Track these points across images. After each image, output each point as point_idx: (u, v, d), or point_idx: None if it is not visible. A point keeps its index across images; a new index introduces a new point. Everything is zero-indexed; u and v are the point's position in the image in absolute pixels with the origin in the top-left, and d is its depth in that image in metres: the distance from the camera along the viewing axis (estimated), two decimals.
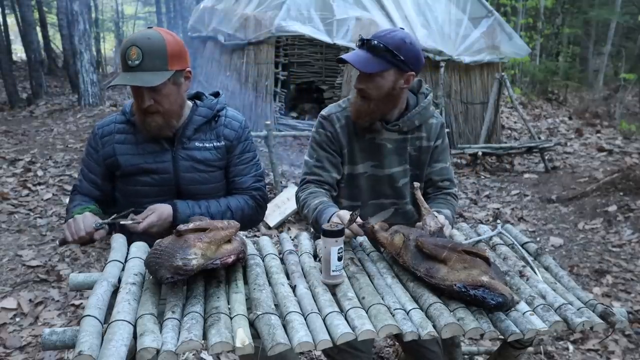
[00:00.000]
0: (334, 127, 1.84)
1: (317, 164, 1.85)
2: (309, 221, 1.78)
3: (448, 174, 1.93)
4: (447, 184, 1.92)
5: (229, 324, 1.14)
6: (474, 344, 2.76)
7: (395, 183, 1.88)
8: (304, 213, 1.80)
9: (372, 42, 1.67)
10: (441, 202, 1.87)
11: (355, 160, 1.86)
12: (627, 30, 13.64)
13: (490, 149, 6.57)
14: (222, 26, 7.48)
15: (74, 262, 3.54)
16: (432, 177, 1.91)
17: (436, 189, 1.92)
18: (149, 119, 1.63)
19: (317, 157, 1.86)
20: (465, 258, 1.34)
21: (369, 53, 1.69)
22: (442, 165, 1.92)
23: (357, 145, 1.85)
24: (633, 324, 2.97)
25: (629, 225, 4.45)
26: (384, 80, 1.71)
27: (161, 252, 1.26)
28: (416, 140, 1.87)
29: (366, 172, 1.86)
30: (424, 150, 1.88)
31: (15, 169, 5.43)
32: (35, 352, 2.58)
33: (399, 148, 1.86)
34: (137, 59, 1.53)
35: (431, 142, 1.88)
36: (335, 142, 1.84)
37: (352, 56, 1.70)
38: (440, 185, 1.91)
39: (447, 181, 1.92)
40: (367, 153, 1.85)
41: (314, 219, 1.71)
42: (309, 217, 1.75)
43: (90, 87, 8.90)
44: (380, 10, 6.62)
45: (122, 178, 1.74)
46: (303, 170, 1.91)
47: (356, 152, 1.85)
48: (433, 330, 1.20)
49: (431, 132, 1.88)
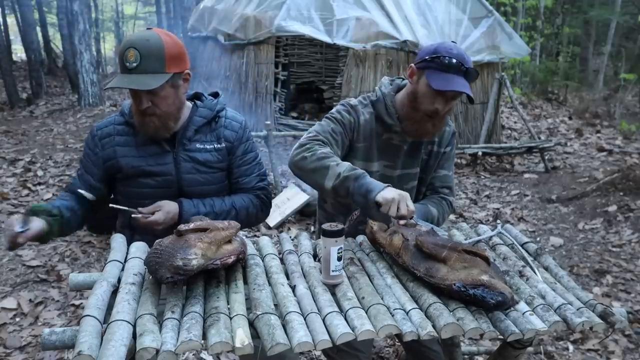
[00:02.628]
0: (358, 118, 1.80)
1: (333, 133, 1.74)
2: (322, 176, 1.59)
3: (449, 182, 1.93)
4: (446, 191, 1.92)
5: (228, 324, 1.14)
6: (474, 344, 2.76)
7: (405, 185, 1.87)
8: (320, 164, 1.60)
9: (474, 71, 1.65)
10: (434, 201, 1.87)
11: (371, 157, 1.83)
12: (627, 30, 13.63)
13: (490, 149, 6.56)
14: (222, 26, 7.47)
15: (74, 262, 3.54)
16: (433, 182, 1.92)
17: (434, 192, 1.92)
18: (146, 120, 1.63)
19: (334, 129, 1.75)
20: (465, 258, 1.34)
21: (467, 81, 1.65)
22: (446, 173, 1.92)
23: (375, 144, 1.83)
24: (633, 324, 2.97)
25: (629, 225, 4.45)
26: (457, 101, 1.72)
27: (161, 252, 1.26)
28: (429, 145, 1.88)
29: (379, 170, 1.85)
30: (434, 156, 1.89)
31: (15, 169, 5.43)
32: (35, 352, 2.58)
33: (413, 151, 1.86)
34: (135, 61, 1.53)
35: (441, 148, 1.89)
36: (354, 131, 1.79)
37: (460, 86, 1.62)
38: (440, 191, 1.92)
39: (447, 189, 1.92)
40: (383, 152, 1.84)
41: (344, 177, 1.56)
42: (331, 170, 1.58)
43: (90, 87, 8.90)
44: (380, 10, 6.61)
45: (124, 180, 1.73)
46: (311, 133, 1.73)
47: (373, 150, 1.83)
48: (433, 330, 1.20)
49: (443, 139, 1.89)
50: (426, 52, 1.67)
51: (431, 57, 1.63)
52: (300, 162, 1.65)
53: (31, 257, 3.50)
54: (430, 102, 1.66)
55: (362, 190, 1.53)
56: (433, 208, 1.80)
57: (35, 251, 3.61)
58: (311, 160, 1.62)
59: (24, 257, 3.51)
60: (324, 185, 1.59)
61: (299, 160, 1.66)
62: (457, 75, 1.62)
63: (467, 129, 7.41)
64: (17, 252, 3.56)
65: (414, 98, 1.71)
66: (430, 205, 1.81)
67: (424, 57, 1.66)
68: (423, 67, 1.66)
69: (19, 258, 3.49)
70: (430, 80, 1.63)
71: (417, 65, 1.69)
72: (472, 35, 7.10)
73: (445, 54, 1.62)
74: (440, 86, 1.61)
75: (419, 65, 1.68)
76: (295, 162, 1.67)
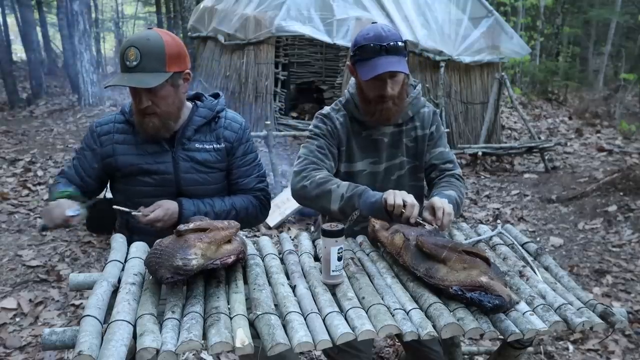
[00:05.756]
0: (334, 123, 1.83)
1: (320, 150, 1.80)
2: (326, 201, 1.67)
3: (449, 156, 1.91)
4: (449, 165, 1.90)
5: (228, 324, 1.15)
6: (474, 344, 2.76)
7: (391, 176, 1.88)
8: (320, 190, 1.68)
9: (396, 44, 1.66)
10: (444, 184, 1.83)
11: (353, 158, 1.85)
12: (627, 30, 13.63)
13: (490, 149, 6.56)
14: (222, 26, 7.47)
15: (74, 262, 3.54)
16: (433, 161, 1.90)
17: (439, 172, 1.90)
18: (146, 119, 1.63)
19: (319, 145, 1.81)
20: (465, 258, 1.34)
21: (394, 55, 1.67)
22: (441, 150, 1.91)
23: (355, 143, 1.85)
24: (633, 324, 2.97)
25: (629, 225, 4.45)
26: (402, 75, 1.73)
27: (161, 252, 1.26)
28: (411, 131, 1.88)
29: (365, 169, 1.86)
30: (420, 140, 1.89)
31: (15, 169, 5.43)
32: (35, 352, 2.58)
33: (394, 141, 1.87)
34: (135, 60, 1.54)
35: (426, 130, 1.89)
36: (335, 137, 1.84)
37: (385, 66, 1.65)
38: (443, 167, 1.89)
39: (449, 163, 1.90)
40: (365, 150, 1.85)
41: (348, 197, 1.64)
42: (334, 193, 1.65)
43: (90, 87, 8.89)
44: (380, 10, 6.61)
45: (123, 178, 1.74)
46: (301, 158, 1.81)
47: (354, 150, 1.85)
48: (433, 330, 1.20)
49: (424, 121, 1.89)
50: (352, 46, 1.75)
51: (354, 50, 1.73)
52: (301, 192, 1.73)
53: (31, 257, 3.50)
54: (372, 90, 1.73)
55: (368, 203, 1.62)
56: (449, 191, 1.76)
57: (35, 251, 3.61)
58: (311, 188, 1.70)
59: (24, 257, 3.51)
60: (330, 209, 1.68)
61: (300, 190, 1.74)
62: (380, 57, 1.67)
63: (467, 129, 7.40)
64: (17, 252, 3.56)
65: (361, 92, 1.79)
66: (445, 190, 1.76)
67: (351, 52, 1.76)
68: (354, 62, 1.75)
69: (19, 258, 3.50)
70: (359, 72, 1.71)
71: (350, 62, 1.78)
72: (472, 35, 7.10)
73: (363, 41, 1.69)
74: (367, 75, 1.67)
75: (351, 62, 1.77)
76: (297, 192, 1.75)
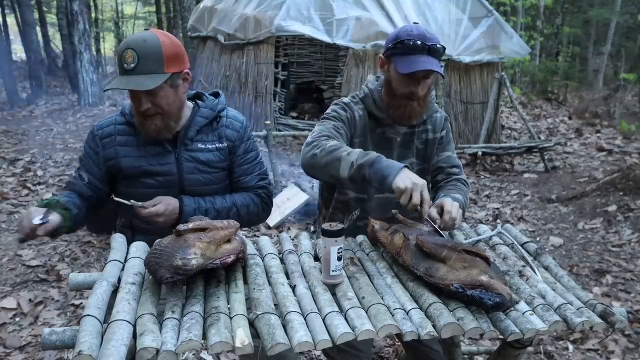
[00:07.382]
0: (354, 114, 1.83)
1: (336, 129, 1.75)
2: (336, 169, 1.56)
3: (456, 162, 1.95)
4: (456, 170, 1.92)
5: (228, 324, 1.15)
6: (474, 344, 2.76)
7: None
8: (331, 157, 1.57)
9: (439, 47, 1.68)
10: (451, 188, 1.86)
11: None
12: (627, 30, 13.63)
13: (490, 149, 6.56)
14: (222, 26, 7.47)
15: (74, 262, 3.54)
16: (440, 165, 1.93)
17: (445, 175, 1.92)
18: (148, 122, 1.63)
19: (336, 125, 1.76)
20: (465, 258, 1.34)
21: (434, 58, 1.68)
22: (449, 154, 1.94)
23: (370, 139, 1.85)
24: (633, 324, 2.97)
25: (629, 225, 4.45)
26: (432, 79, 1.74)
27: (161, 252, 1.26)
28: (423, 134, 1.90)
29: None
30: (431, 143, 1.91)
31: (15, 169, 5.43)
32: (35, 352, 2.58)
33: (406, 142, 1.88)
34: (133, 63, 1.53)
35: (437, 134, 1.91)
36: (353, 127, 1.82)
37: (426, 65, 1.65)
38: (449, 171, 1.92)
39: (456, 167, 1.93)
40: (379, 147, 1.84)
41: (359, 166, 1.52)
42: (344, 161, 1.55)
43: (90, 87, 8.90)
44: (380, 10, 6.61)
45: (126, 180, 1.73)
46: (315, 132, 1.73)
47: (368, 145, 1.84)
48: (433, 330, 1.20)
49: (436, 125, 1.91)
50: (390, 40, 1.74)
51: (394, 43, 1.70)
52: (311, 160, 1.63)
53: (31, 257, 3.50)
54: (404, 86, 1.71)
55: (379, 176, 1.50)
56: (456, 195, 1.77)
57: (35, 251, 3.61)
58: (322, 155, 1.60)
59: (24, 257, 3.51)
60: (340, 177, 1.56)
61: (310, 158, 1.63)
62: (422, 55, 1.67)
63: (467, 129, 7.40)
64: (17, 252, 3.56)
65: (389, 86, 1.77)
66: (454, 194, 1.77)
67: (388, 45, 1.73)
68: (389, 55, 1.73)
69: (19, 258, 3.50)
70: (397, 66, 1.69)
71: (384, 54, 1.76)
72: (472, 35, 7.10)
73: (406, 37, 1.67)
74: (406, 69, 1.66)
75: (386, 54, 1.75)
76: (307, 161, 1.65)
